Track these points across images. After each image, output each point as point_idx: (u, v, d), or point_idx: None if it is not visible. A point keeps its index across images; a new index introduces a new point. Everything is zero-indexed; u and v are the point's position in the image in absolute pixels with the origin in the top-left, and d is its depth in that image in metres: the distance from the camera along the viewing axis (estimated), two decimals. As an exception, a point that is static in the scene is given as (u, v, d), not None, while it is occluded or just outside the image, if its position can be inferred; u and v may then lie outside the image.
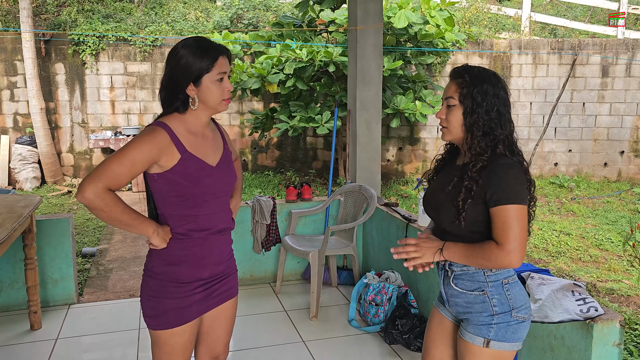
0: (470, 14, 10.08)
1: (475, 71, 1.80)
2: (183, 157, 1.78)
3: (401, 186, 8.81)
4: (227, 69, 1.82)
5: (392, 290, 3.54)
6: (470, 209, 1.73)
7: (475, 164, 1.74)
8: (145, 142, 1.73)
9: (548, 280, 2.47)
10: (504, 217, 1.67)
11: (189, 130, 1.83)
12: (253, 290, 4.26)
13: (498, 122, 1.76)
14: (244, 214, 4.23)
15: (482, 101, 1.75)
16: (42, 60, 8.39)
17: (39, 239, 3.77)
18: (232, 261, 2.04)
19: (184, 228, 1.83)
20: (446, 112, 1.82)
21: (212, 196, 1.85)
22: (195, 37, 1.83)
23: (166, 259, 1.84)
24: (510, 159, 1.73)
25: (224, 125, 9.00)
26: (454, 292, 1.86)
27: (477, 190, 1.72)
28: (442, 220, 1.85)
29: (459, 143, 1.87)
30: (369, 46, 4.35)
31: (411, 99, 7.52)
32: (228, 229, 1.96)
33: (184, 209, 1.81)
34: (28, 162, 8.24)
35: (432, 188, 1.96)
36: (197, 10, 10.10)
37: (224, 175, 1.90)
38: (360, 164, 4.41)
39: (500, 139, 1.75)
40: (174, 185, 1.78)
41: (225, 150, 1.96)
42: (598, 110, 9.19)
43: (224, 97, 1.83)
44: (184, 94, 1.79)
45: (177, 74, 1.78)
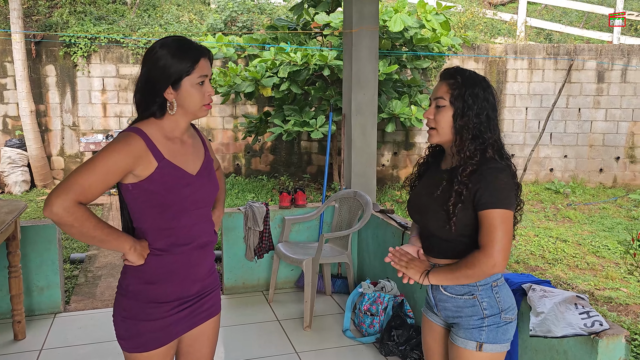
0: (465, 19, 10.04)
1: (467, 74, 1.79)
2: (160, 166, 1.66)
3: (396, 191, 8.73)
4: (209, 71, 1.71)
5: (387, 299, 3.44)
6: (461, 213, 1.72)
7: (465, 168, 1.72)
8: (118, 149, 1.60)
9: (550, 293, 2.39)
10: (490, 221, 1.66)
11: (167, 137, 1.71)
12: (245, 298, 4.15)
13: (487, 125, 1.76)
14: (236, 220, 4.13)
15: (473, 104, 1.74)
16: (32, 62, 8.26)
17: (25, 245, 3.66)
18: (214, 277, 1.90)
19: (162, 243, 1.70)
20: (435, 113, 1.80)
21: (192, 207, 1.73)
22: (175, 36, 1.71)
23: (143, 276, 1.71)
24: (499, 163, 1.73)
25: (216, 129, 8.90)
26: (443, 297, 1.85)
27: (466, 194, 1.71)
28: (430, 225, 1.84)
29: (446, 145, 1.85)
30: (365, 49, 4.27)
31: (406, 104, 7.44)
32: (210, 243, 1.84)
33: (162, 221, 1.69)
34: (17, 165, 8.11)
35: (417, 192, 1.94)
36: (191, 13, 10.01)
37: (204, 184, 1.78)
38: (355, 169, 4.32)
39: (490, 143, 1.74)
40: (150, 195, 1.66)
41: (206, 158, 1.85)
42: (594, 115, 9.15)
43: (204, 102, 1.71)
44: (161, 98, 1.68)
45: (154, 75, 1.66)
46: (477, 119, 1.74)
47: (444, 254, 1.83)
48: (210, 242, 1.83)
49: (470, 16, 10.18)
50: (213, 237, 1.85)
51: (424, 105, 7.70)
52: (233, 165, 9.06)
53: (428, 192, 1.85)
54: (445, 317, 1.88)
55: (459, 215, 1.72)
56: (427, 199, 1.85)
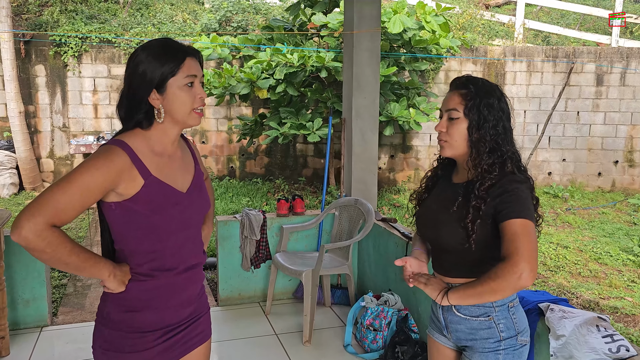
0: (463, 21, 9.91)
1: (480, 83, 1.69)
2: (147, 184, 1.48)
3: (393, 195, 8.59)
4: (198, 72, 1.54)
5: (391, 314, 3.29)
6: (480, 229, 1.62)
7: (483, 182, 1.63)
8: (99, 165, 1.41)
9: (570, 313, 2.24)
10: (513, 230, 1.55)
11: (154, 150, 1.53)
12: (241, 310, 3.99)
13: (504, 137, 1.67)
14: (232, 229, 3.96)
15: (489, 115, 1.65)
16: (21, 62, 8.04)
17: (9, 256, 3.48)
18: (203, 300, 1.74)
19: (147, 267, 1.53)
20: (448, 125, 1.70)
21: (180, 228, 1.56)
22: (160, 38, 1.56)
23: (125, 304, 1.53)
24: (519, 176, 1.65)
25: (210, 131, 8.72)
26: (455, 319, 1.73)
27: (485, 209, 1.61)
28: (445, 242, 1.72)
29: (459, 159, 1.75)
30: (365, 51, 4.12)
31: (405, 106, 7.30)
32: (199, 264, 1.67)
33: (147, 244, 1.51)
34: (5, 167, 7.88)
35: (429, 207, 1.82)
36: (185, 12, 9.82)
37: (195, 202, 1.61)
38: (355, 175, 4.16)
39: (508, 156, 1.66)
40: (135, 216, 1.48)
41: (196, 172, 1.68)
42: (592, 119, 9.06)
43: (194, 106, 1.53)
44: (147, 105, 1.50)
45: (137, 80, 1.49)
46: (493, 130, 1.65)
47: (459, 273, 1.72)
48: (199, 264, 1.67)
49: (468, 18, 10.05)
50: (202, 258, 1.69)
51: (422, 108, 7.56)
52: (227, 168, 8.88)
53: (442, 207, 1.73)
54: (456, 340, 1.76)
55: (477, 231, 1.61)
56: (441, 215, 1.73)
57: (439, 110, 1.76)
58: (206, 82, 7.17)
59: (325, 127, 6.98)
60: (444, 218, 1.71)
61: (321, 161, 8.90)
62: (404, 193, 8.69)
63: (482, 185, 1.62)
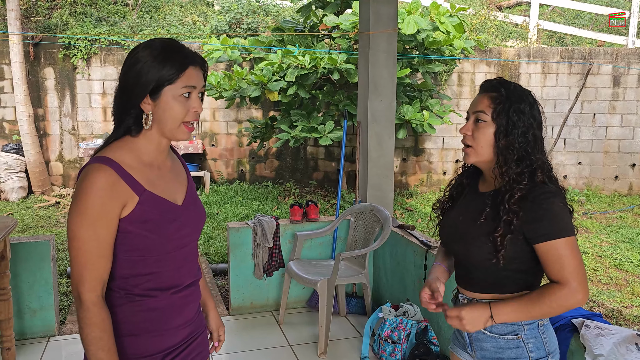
0: (476, 22, 9.76)
1: (512, 87, 1.59)
2: (142, 200, 1.34)
3: (406, 199, 8.45)
4: (198, 83, 1.40)
5: (410, 326, 3.16)
6: (510, 245, 1.52)
7: (512, 194, 1.52)
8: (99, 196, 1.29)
9: (606, 330, 2.11)
10: (559, 252, 1.47)
11: (143, 161, 1.40)
12: (253, 320, 3.87)
13: (534, 146, 1.56)
14: (244, 236, 3.85)
15: (518, 121, 1.55)
16: (30, 65, 7.99)
17: (15, 264, 3.38)
18: (201, 318, 1.61)
19: (141, 288, 1.39)
20: (473, 129, 1.60)
21: (179, 246, 1.43)
22: (164, 38, 1.42)
23: (120, 328, 1.39)
24: (551, 187, 1.54)
25: (220, 133, 8.62)
26: (481, 336, 1.63)
27: (517, 224, 1.51)
28: (472, 256, 1.61)
29: (484, 166, 1.65)
30: (382, 53, 3.99)
31: (418, 109, 7.16)
32: (196, 282, 1.54)
33: (141, 267, 1.38)
34: (14, 171, 7.82)
35: (454, 218, 1.71)
36: (194, 15, 9.74)
37: (192, 216, 1.48)
38: (371, 181, 4.03)
39: (538, 165, 1.55)
40: (128, 238, 1.34)
41: (189, 183, 1.55)
42: (609, 121, 8.87)
43: (186, 119, 1.39)
44: (137, 109, 1.37)
45: (131, 80, 1.35)
46: (522, 138, 1.54)
47: (483, 288, 1.62)
48: (196, 282, 1.54)
49: (481, 19, 9.90)
50: (199, 275, 1.57)
51: (435, 110, 7.42)
52: (237, 171, 8.78)
53: (468, 219, 1.63)
54: (481, 358, 1.66)
55: (507, 246, 1.51)
56: (468, 227, 1.62)
57: (467, 113, 1.65)
58: (216, 84, 7.08)
59: (337, 130, 6.86)
60: (470, 230, 1.61)
61: (332, 164, 8.78)
62: (416, 197, 8.55)
63: (512, 197, 1.52)
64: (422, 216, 7.38)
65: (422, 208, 7.85)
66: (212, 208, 7.34)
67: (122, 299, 1.39)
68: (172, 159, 1.53)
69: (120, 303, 1.39)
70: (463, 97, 8.67)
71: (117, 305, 1.38)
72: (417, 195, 8.62)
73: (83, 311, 1.29)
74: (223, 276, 4.93)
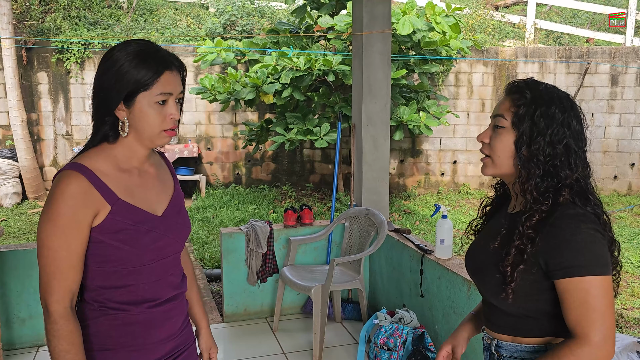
0: (473, 22, 9.71)
1: (542, 88, 1.33)
2: (114, 209, 1.28)
3: (403, 201, 8.39)
4: (176, 89, 1.33)
5: (407, 332, 3.09)
6: (522, 278, 1.27)
7: (530, 216, 1.27)
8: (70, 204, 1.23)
9: (606, 338, 2.04)
10: (582, 294, 1.19)
11: (120, 168, 1.34)
12: (247, 327, 3.80)
13: (566, 160, 1.28)
14: (237, 241, 3.78)
15: (545, 128, 1.28)
16: (23, 69, 7.92)
17: (3, 273, 3.32)
18: (187, 331, 1.52)
19: (116, 301, 1.32)
20: (491, 136, 1.36)
21: (156, 258, 1.35)
22: (140, 40, 1.35)
23: (96, 342, 1.32)
24: (580, 209, 1.25)
25: (215, 137, 8.55)
26: None
27: (531, 252, 1.25)
28: (484, 289, 1.41)
29: (507, 181, 1.41)
30: (376, 54, 3.92)
31: (414, 110, 7.10)
32: (179, 296, 1.46)
33: (114, 279, 1.31)
34: (8, 176, 7.75)
35: (476, 244, 1.49)
36: (189, 17, 9.68)
37: (173, 227, 1.40)
38: (366, 185, 3.96)
39: (567, 184, 1.27)
40: (101, 249, 1.29)
41: (175, 192, 1.47)
42: (607, 121, 8.82)
43: (164, 127, 1.32)
44: (112, 116, 1.31)
45: (104, 86, 1.29)
46: (550, 148, 1.28)
47: (503, 329, 1.38)
48: (179, 295, 1.45)
49: (478, 19, 9.84)
50: (183, 287, 1.48)
51: (432, 111, 7.36)
52: (233, 175, 8.71)
53: (485, 244, 1.40)
54: None
55: (519, 281, 1.27)
56: (482, 253, 1.42)
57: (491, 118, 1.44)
58: (210, 87, 7.01)
59: (333, 132, 6.80)
60: (483, 258, 1.40)
61: (329, 167, 8.71)
62: (414, 199, 8.48)
63: (528, 220, 1.27)
64: (419, 218, 7.31)
65: (419, 210, 7.78)
66: (207, 212, 7.27)
67: (96, 312, 1.32)
68: (157, 167, 1.46)
69: (94, 316, 1.32)
70: (460, 97, 8.61)
71: (90, 318, 1.32)
72: (414, 197, 8.56)
73: (50, 323, 1.23)
74: (218, 282, 4.86)
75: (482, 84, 8.63)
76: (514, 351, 1.35)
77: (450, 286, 2.95)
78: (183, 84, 1.36)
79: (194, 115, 8.44)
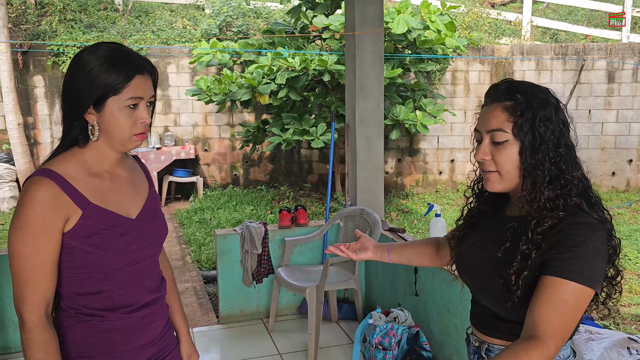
0: (469, 19, 9.70)
1: (530, 89, 1.28)
2: (85, 214, 1.26)
3: (401, 200, 8.38)
4: (147, 93, 1.31)
5: (401, 332, 3.09)
6: (526, 284, 1.24)
7: (541, 222, 1.23)
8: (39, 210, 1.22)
9: (597, 334, 2.04)
10: (559, 296, 1.17)
11: (91, 173, 1.32)
12: (243, 328, 3.79)
13: (569, 159, 1.26)
14: (232, 242, 3.77)
15: (546, 132, 1.24)
16: (19, 73, 7.91)
17: (-2, 277, 3.31)
18: (169, 336, 1.50)
19: (92, 307, 1.31)
20: (492, 150, 1.29)
21: (131, 262, 1.33)
22: (110, 43, 1.33)
23: (72, 350, 1.30)
24: (590, 217, 1.23)
25: (212, 138, 8.55)
26: None
27: (535, 258, 1.23)
28: (483, 296, 1.37)
29: (513, 193, 1.35)
30: (368, 53, 3.92)
31: (411, 109, 7.10)
32: (158, 300, 1.43)
33: (89, 285, 1.30)
34: (5, 180, 7.75)
35: (470, 246, 1.43)
36: (185, 19, 9.67)
37: (147, 230, 1.38)
38: (360, 184, 3.96)
39: (574, 184, 1.25)
40: (73, 254, 1.27)
41: (150, 195, 1.45)
42: (604, 117, 8.81)
43: (134, 132, 1.31)
44: (81, 120, 1.29)
45: (73, 90, 1.27)
46: (554, 152, 1.25)
47: (495, 333, 1.36)
48: (158, 299, 1.43)
49: (473, 16, 9.84)
50: (161, 291, 1.46)
51: (428, 110, 7.36)
52: (231, 176, 8.71)
53: (484, 248, 1.36)
54: None
55: (524, 287, 1.23)
56: (480, 258, 1.37)
57: (475, 131, 1.35)
58: (206, 88, 7.01)
59: (329, 132, 6.79)
60: (483, 263, 1.35)
61: (327, 167, 8.71)
62: (412, 198, 8.48)
63: (538, 226, 1.23)
64: (417, 217, 7.30)
65: (417, 209, 7.77)
66: (205, 214, 7.26)
67: (72, 319, 1.31)
68: (130, 170, 1.44)
69: (71, 323, 1.31)
70: (457, 95, 8.60)
71: (67, 326, 1.30)
72: (412, 196, 8.55)
73: (25, 332, 1.22)
74: (215, 283, 4.86)
75: (479, 82, 8.62)
76: None
77: (444, 285, 2.95)
78: (155, 87, 1.35)
79: (190, 117, 8.44)
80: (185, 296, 4.45)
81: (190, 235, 6.36)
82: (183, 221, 7.06)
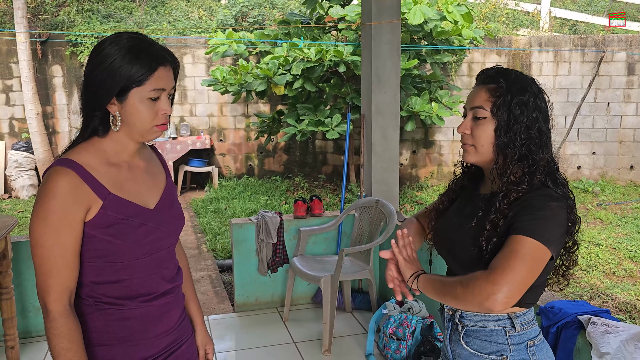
0: (486, 10, 9.60)
1: (513, 76, 1.42)
2: (105, 204, 1.27)
3: (416, 192, 8.37)
4: (168, 85, 1.31)
5: (415, 322, 3.10)
6: (494, 250, 1.35)
7: (507, 195, 1.37)
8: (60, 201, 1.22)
9: (614, 328, 2.03)
10: (515, 247, 1.29)
11: (110, 163, 1.32)
12: (258, 316, 3.83)
13: (539, 142, 1.41)
14: (248, 232, 3.81)
15: (521, 115, 1.39)
16: (38, 63, 8.01)
17: (19, 262, 3.37)
18: (185, 325, 1.51)
19: (111, 296, 1.32)
20: (472, 126, 1.45)
21: (149, 252, 1.34)
22: (133, 33, 1.32)
23: (90, 337, 1.31)
24: (553, 191, 1.37)
25: (228, 128, 8.59)
26: (464, 353, 1.45)
27: (503, 225, 1.35)
28: (458, 266, 1.47)
29: (485, 166, 1.50)
30: (385, 44, 3.91)
31: (426, 100, 7.06)
32: (175, 289, 1.45)
33: (108, 274, 1.30)
34: (24, 169, 7.88)
35: (447, 221, 1.55)
36: (200, 9, 9.70)
37: (165, 220, 1.39)
38: (376, 175, 3.97)
39: (540, 165, 1.39)
40: (93, 243, 1.27)
41: (167, 186, 1.46)
42: (623, 110, 8.69)
43: (155, 123, 1.31)
44: (103, 111, 1.29)
45: (96, 80, 1.26)
46: (526, 134, 1.39)
47: None
48: (174, 288, 1.45)
49: (491, 7, 9.73)
50: (178, 280, 1.48)
51: (444, 101, 7.32)
52: (246, 166, 8.75)
53: (459, 223, 1.48)
54: None
55: (492, 252, 1.35)
56: (456, 231, 1.48)
57: (463, 108, 1.51)
58: (222, 79, 7.03)
59: (344, 123, 6.80)
60: (457, 234, 1.47)
61: (341, 158, 8.71)
62: (426, 189, 8.46)
63: (505, 198, 1.37)
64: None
65: (432, 201, 7.75)
66: (220, 204, 7.32)
67: (92, 308, 1.32)
68: (148, 160, 1.45)
69: (90, 312, 1.32)
70: (473, 87, 8.54)
71: (87, 314, 1.32)
72: (427, 188, 8.53)
73: (49, 321, 1.23)
74: (230, 272, 4.91)
75: (495, 74, 8.54)
76: (478, 320, 1.43)
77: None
78: (175, 78, 1.35)
79: (206, 107, 8.49)
80: (201, 284, 4.50)
81: (205, 225, 6.42)
82: (198, 210, 7.12)
